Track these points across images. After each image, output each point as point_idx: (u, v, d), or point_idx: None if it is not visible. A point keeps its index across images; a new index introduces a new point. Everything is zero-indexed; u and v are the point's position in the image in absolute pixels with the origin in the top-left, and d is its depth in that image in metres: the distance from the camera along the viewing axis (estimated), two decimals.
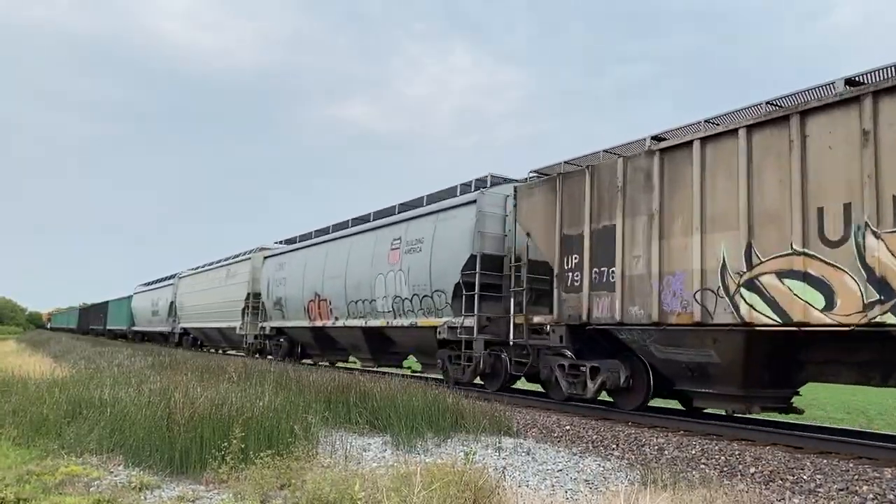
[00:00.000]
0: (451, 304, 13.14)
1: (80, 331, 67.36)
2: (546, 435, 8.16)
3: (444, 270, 13.42)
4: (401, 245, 15.11)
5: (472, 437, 7.51)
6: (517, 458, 6.61)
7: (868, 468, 6.11)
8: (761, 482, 5.87)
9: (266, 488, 5.18)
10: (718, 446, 7.22)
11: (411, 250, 14.60)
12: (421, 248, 14.29)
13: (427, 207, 14.93)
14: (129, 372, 12.09)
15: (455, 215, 13.61)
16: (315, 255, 19.50)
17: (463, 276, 12.78)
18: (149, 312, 40.99)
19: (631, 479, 5.91)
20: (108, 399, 8.08)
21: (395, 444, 7.25)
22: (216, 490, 5.46)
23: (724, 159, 8.35)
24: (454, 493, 4.58)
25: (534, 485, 5.71)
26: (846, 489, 5.56)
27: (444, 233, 13.70)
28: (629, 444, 7.47)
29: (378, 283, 15.73)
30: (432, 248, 13.94)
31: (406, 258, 14.71)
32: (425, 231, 14.32)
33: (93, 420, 7.42)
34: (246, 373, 11.53)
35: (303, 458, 6.03)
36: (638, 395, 9.96)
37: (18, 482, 5.37)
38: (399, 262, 14.98)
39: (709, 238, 8.40)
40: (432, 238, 13.98)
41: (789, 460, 6.50)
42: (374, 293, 15.83)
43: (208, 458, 5.87)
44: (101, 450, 6.66)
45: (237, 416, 6.28)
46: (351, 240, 17.83)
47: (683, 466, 6.39)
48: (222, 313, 26.91)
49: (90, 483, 5.53)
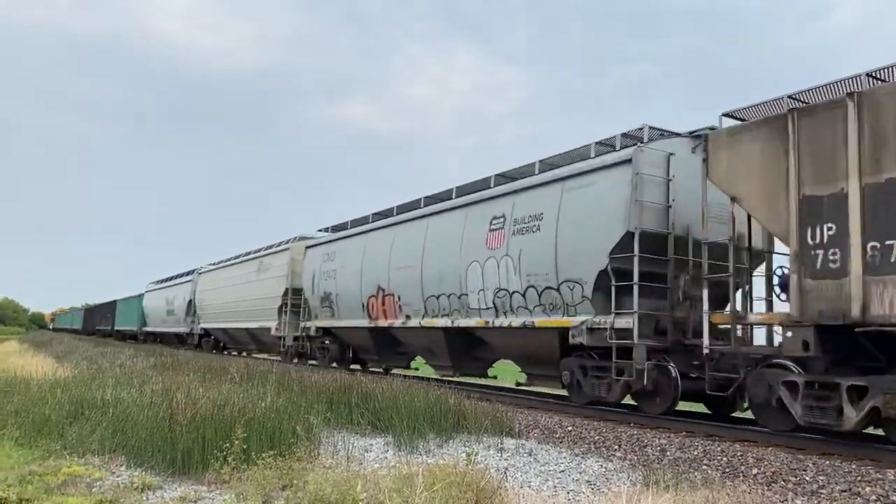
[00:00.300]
0: (592, 299, 10.19)
1: (86, 332, 65.14)
2: (548, 436, 8.16)
3: (581, 254, 10.38)
4: (505, 224, 11.98)
5: (474, 438, 7.50)
6: (519, 459, 6.61)
7: (871, 469, 6.09)
8: (763, 483, 5.86)
9: (268, 489, 5.18)
10: (720, 447, 7.20)
11: (523, 230, 11.51)
12: (539, 227, 11.20)
13: (545, 175, 11.72)
14: (131, 372, 12.10)
15: (595, 181, 10.48)
16: (377, 241, 16.38)
17: (613, 262, 9.82)
18: (163, 312, 37.90)
19: (633, 479, 5.91)
20: (110, 399, 8.10)
21: (396, 444, 7.25)
22: (218, 491, 5.46)
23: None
24: (456, 493, 4.58)
25: (536, 486, 5.71)
26: (849, 490, 5.55)
27: (578, 204, 10.60)
28: (631, 445, 7.46)
29: (471, 274, 12.67)
30: (558, 226, 10.79)
31: (516, 241, 11.63)
32: (545, 204, 11.18)
33: (95, 420, 7.44)
34: (248, 373, 11.53)
35: (305, 458, 6.03)
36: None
37: (21, 482, 5.38)
38: (504, 246, 11.89)
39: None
40: (557, 212, 10.86)
41: (792, 461, 6.49)
42: (466, 286, 12.81)
43: (210, 459, 5.88)
44: (103, 450, 6.67)
45: (239, 417, 6.29)
46: (428, 222, 14.57)
47: (685, 467, 6.38)
48: (253, 312, 23.79)
49: (92, 483, 5.54)
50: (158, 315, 39.14)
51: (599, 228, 10.08)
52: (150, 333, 41.53)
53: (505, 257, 11.89)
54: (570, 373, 10.68)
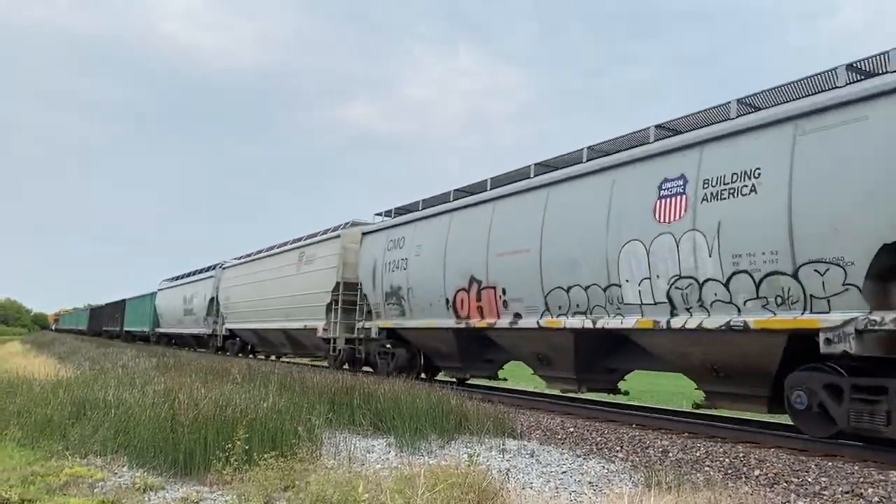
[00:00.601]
0: (864, 287, 6.98)
1: (92, 332, 61.99)
2: (550, 437, 8.15)
3: (842, 221, 7.14)
4: (686, 188, 8.80)
5: (475, 439, 7.50)
6: (521, 460, 6.61)
7: (873, 471, 6.08)
8: (766, 484, 5.85)
9: (269, 490, 5.19)
10: (723, 448, 7.19)
11: (723, 193, 8.29)
12: (754, 188, 8.00)
13: (758, 116, 8.34)
14: (133, 373, 12.11)
15: (864, 114, 7.12)
16: (468, 221, 13.08)
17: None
18: (179, 311, 33.99)
19: (635, 481, 5.90)
20: (113, 400, 8.10)
21: (398, 445, 7.25)
22: (220, 491, 5.46)
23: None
24: (458, 494, 4.58)
25: (537, 487, 5.71)
26: (851, 492, 5.54)
27: (831, 150, 7.34)
28: (633, 447, 7.46)
29: (629, 257, 9.45)
30: (792, 184, 7.62)
31: (712, 210, 8.43)
32: (762, 155, 7.99)
33: (97, 421, 7.44)
34: (250, 374, 11.54)
35: (306, 459, 6.04)
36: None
37: (23, 483, 5.39)
38: (689, 218, 8.68)
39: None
40: (790, 165, 7.67)
41: (794, 462, 6.48)
42: (618, 274, 9.59)
43: (212, 460, 5.89)
44: (105, 451, 6.68)
45: (241, 418, 6.30)
46: (548, 193, 11.21)
47: (688, 468, 6.37)
48: (292, 310, 20.60)
49: (94, 484, 5.54)
50: (174, 315, 35.41)
51: (880, 183, 6.90)
52: (164, 335, 37.91)
53: (691, 232, 8.66)
54: (806, 393, 7.54)
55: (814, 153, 7.57)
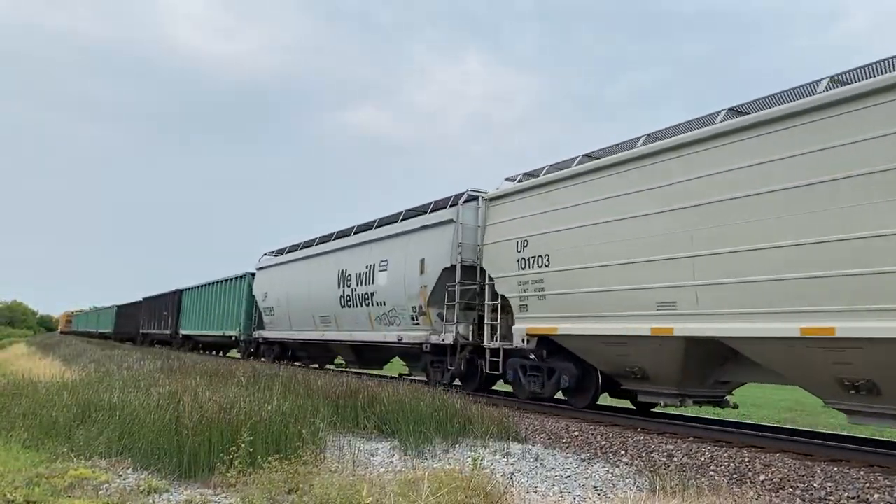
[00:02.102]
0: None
1: (121, 337, 47.48)
2: (554, 441, 8.13)
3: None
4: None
5: (480, 443, 7.49)
6: (525, 464, 6.60)
7: (879, 476, 6.05)
8: (771, 489, 5.83)
9: (274, 493, 5.19)
10: (728, 453, 7.16)
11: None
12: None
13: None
14: (138, 375, 12.13)
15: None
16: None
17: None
18: (330, 299, 17.58)
19: (639, 485, 5.88)
20: (117, 402, 8.12)
21: (402, 449, 7.24)
22: (224, 494, 5.46)
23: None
24: (462, 498, 4.57)
25: (542, 491, 5.70)
26: (857, 497, 5.51)
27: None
28: (638, 451, 7.43)
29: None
30: None
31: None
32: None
33: (102, 423, 7.46)
34: (254, 377, 11.54)
35: (310, 462, 6.04)
36: None
37: (28, 485, 5.40)
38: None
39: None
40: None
41: (799, 467, 6.45)
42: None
43: (216, 462, 5.90)
44: (109, 453, 6.69)
45: (245, 421, 6.30)
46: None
47: (692, 473, 6.34)
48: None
49: (99, 486, 5.55)
50: (317, 305, 18.57)
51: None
52: (280, 343, 22.07)
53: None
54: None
55: None
